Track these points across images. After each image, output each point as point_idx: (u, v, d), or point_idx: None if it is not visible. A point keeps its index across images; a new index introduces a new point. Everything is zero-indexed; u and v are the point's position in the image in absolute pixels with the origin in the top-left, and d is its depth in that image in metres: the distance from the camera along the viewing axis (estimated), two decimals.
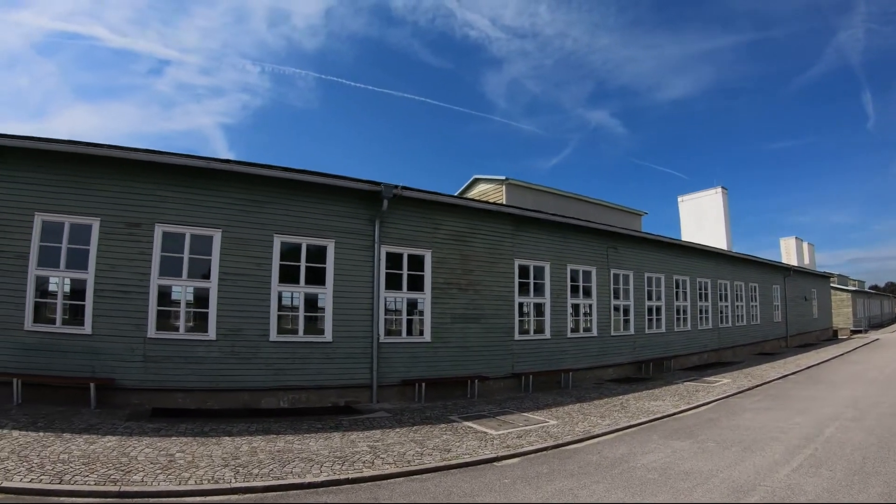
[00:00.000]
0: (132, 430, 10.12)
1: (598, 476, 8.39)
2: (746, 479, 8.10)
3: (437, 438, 10.64)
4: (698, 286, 25.45)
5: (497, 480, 8.26)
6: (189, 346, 12.66)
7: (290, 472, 8.21)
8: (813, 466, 8.70)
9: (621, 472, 8.60)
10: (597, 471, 8.68)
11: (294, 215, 13.78)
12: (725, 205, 35.10)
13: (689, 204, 37.25)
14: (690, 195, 37.47)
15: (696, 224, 35.70)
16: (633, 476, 8.34)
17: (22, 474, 7.42)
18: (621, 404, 14.57)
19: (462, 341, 15.85)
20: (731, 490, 7.66)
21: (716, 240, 32.37)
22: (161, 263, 12.57)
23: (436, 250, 15.64)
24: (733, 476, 8.28)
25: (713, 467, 8.75)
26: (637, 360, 21.10)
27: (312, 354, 13.69)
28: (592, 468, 8.84)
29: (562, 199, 22.92)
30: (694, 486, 7.81)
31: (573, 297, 18.95)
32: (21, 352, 11.67)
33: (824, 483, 7.87)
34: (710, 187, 35.88)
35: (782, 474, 8.34)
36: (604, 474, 8.48)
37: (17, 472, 7.51)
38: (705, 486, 7.85)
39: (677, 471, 8.57)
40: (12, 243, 11.83)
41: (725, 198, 35.25)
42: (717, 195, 35.28)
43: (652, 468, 8.74)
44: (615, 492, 7.65)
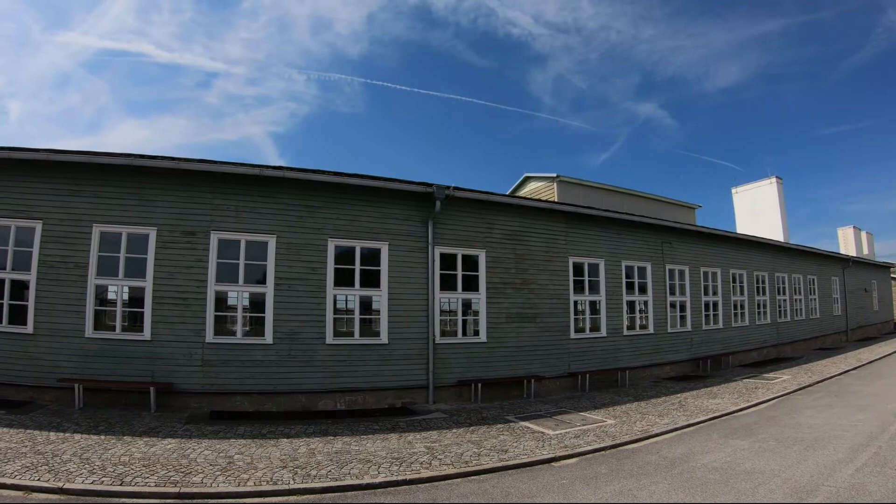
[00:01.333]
0: (191, 432, 10.24)
1: (657, 477, 8.22)
2: (809, 479, 7.89)
3: (493, 439, 10.51)
4: (755, 280, 24.74)
5: (555, 481, 8.13)
6: (246, 350, 12.75)
7: (348, 473, 8.21)
8: (878, 466, 8.43)
9: (681, 472, 8.43)
10: (656, 471, 8.51)
11: (347, 219, 13.76)
12: (780, 195, 34.11)
13: (744, 195, 36.30)
14: (745, 186, 36.55)
15: (752, 216, 34.76)
16: (694, 476, 8.16)
17: (84, 476, 7.55)
18: (679, 403, 14.22)
19: (517, 341, 15.63)
20: (794, 490, 7.46)
21: (772, 231, 31.48)
22: (217, 270, 12.73)
23: (490, 250, 15.46)
24: (795, 476, 8.07)
25: (775, 467, 8.54)
26: (694, 357, 20.58)
27: (369, 356, 13.64)
28: (652, 468, 8.68)
29: (614, 195, 22.56)
30: (755, 487, 7.62)
31: (628, 294, 18.55)
32: (82, 358, 12.00)
33: (890, 483, 7.60)
34: (764, 177, 34.97)
35: (846, 474, 8.09)
36: (663, 475, 8.31)
37: (79, 473, 7.63)
38: (767, 486, 7.66)
39: (738, 471, 8.38)
40: (72, 254, 12.24)
41: (780, 188, 34.26)
42: (771, 185, 34.34)
43: (712, 468, 8.55)
44: (676, 493, 7.49)
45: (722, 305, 22.31)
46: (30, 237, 12.30)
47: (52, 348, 12.01)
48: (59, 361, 11.96)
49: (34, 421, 10.44)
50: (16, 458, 8.20)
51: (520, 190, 23.92)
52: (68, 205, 12.40)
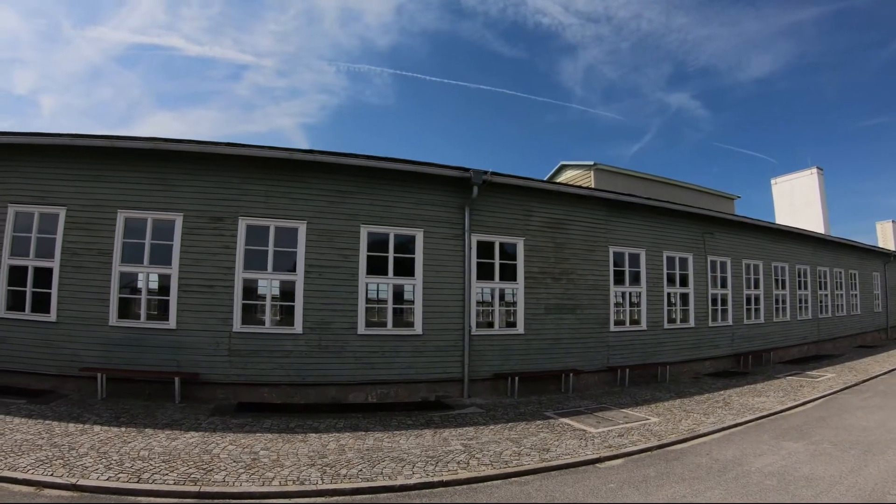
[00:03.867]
0: (216, 425, 9.89)
1: (710, 481, 7.73)
2: (874, 487, 7.41)
3: (533, 437, 10.00)
4: (797, 273, 23.89)
5: (602, 485, 7.67)
6: (275, 340, 12.37)
7: (380, 472, 7.79)
8: None
9: (735, 476, 7.91)
10: (708, 475, 8.01)
11: (381, 205, 13.28)
12: (821, 186, 33.12)
13: (783, 186, 35.32)
14: (784, 177, 35.60)
15: (791, 208, 33.79)
16: (750, 482, 7.66)
17: (100, 472, 7.22)
18: (723, 400, 13.61)
19: (556, 333, 15.04)
20: (859, 499, 7.02)
21: (811, 224, 30.49)
22: (245, 257, 12.37)
23: (528, 238, 14.88)
24: (859, 483, 7.58)
25: (835, 473, 8.02)
26: (735, 352, 19.83)
27: (402, 348, 13.17)
28: (703, 472, 8.18)
29: (652, 184, 21.86)
30: (818, 494, 7.18)
31: (669, 286, 17.88)
32: (106, 347, 11.76)
33: None
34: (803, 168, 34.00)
35: None
36: (717, 479, 7.82)
37: (95, 469, 7.30)
38: (830, 493, 7.21)
39: (796, 476, 7.88)
40: (96, 241, 12.01)
41: (821, 179, 33.29)
42: (812, 176, 33.38)
43: (768, 473, 8.04)
44: (733, 500, 7.04)
45: (763, 299, 21.51)
46: (53, 224, 12.09)
47: (75, 337, 11.77)
48: (81, 350, 11.72)
49: (54, 411, 10.17)
50: (31, 450, 7.90)
51: (556, 178, 23.27)
52: (92, 191, 12.17)
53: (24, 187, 12.24)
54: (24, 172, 12.30)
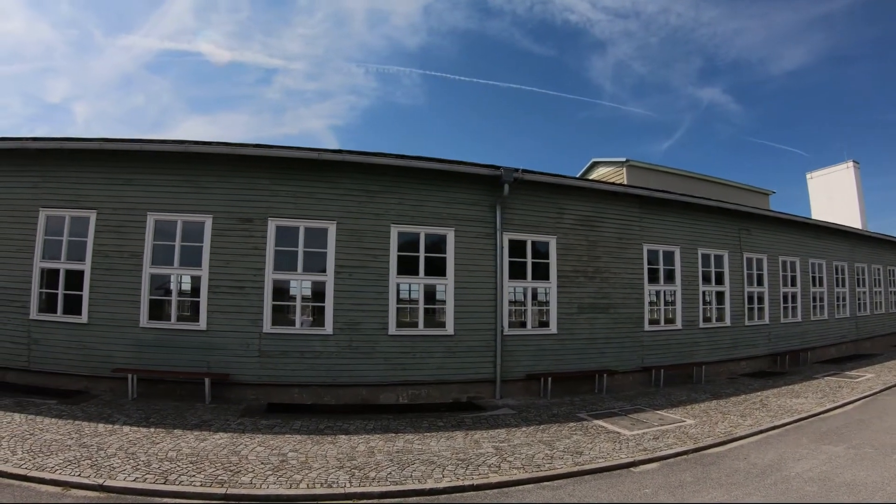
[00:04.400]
0: (245, 426, 9.85)
1: (749, 487, 7.45)
2: None
3: (566, 439, 9.78)
4: (835, 270, 23.31)
5: (637, 490, 7.45)
6: (305, 341, 12.34)
7: (410, 476, 7.65)
8: None
9: (775, 482, 7.63)
10: (747, 480, 7.73)
11: (410, 204, 13.14)
12: (858, 180, 32.19)
13: (819, 181, 34.46)
14: (820, 171, 34.75)
15: (827, 202, 32.87)
16: (790, 488, 7.38)
17: (127, 472, 7.23)
18: (760, 402, 13.26)
19: (589, 333, 14.75)
20: None
21: (848, 219, 29.55)
22: (275, 258, 12.32)
23: (561, 236, 14.61)
24: None
25: (878, 478, 7.68)
26: (772, 352, 19.34)
27: (433, 348, 13.01)
28: (742, 477, 7.89)
29: (685, 180, 21.42)
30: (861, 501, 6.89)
31: (704, 284, 17.48)
32: (137, 348, 11.86)
33: None
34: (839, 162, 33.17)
35: None
36: (756, 485, 7.53)
37: (123, 469, 7.30)
38: (873, 500, 6.91)
39: (838, 482, 7.57)
40: (127, 243, 12.12)
41: (857, 172, 32.36)
42: (848, 170, 32.52)
43: (809, 478, 7.75)
44: None
45: (801, 297, 20.98)
46: (84, 227, 12.22)
47: (106, 338, 11.89)
48: (113, 351, 11.83)
49: (84, 412, 10.23)
50: (59, 450, 7.93)
51: (588, 175, 22.97)
52: (122, 194, 12.27)
53: (55, 191, 12.39)
54: (56, 177, 12.45)
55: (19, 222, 12.34)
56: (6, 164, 12.59)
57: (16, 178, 12.57)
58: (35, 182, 12.47)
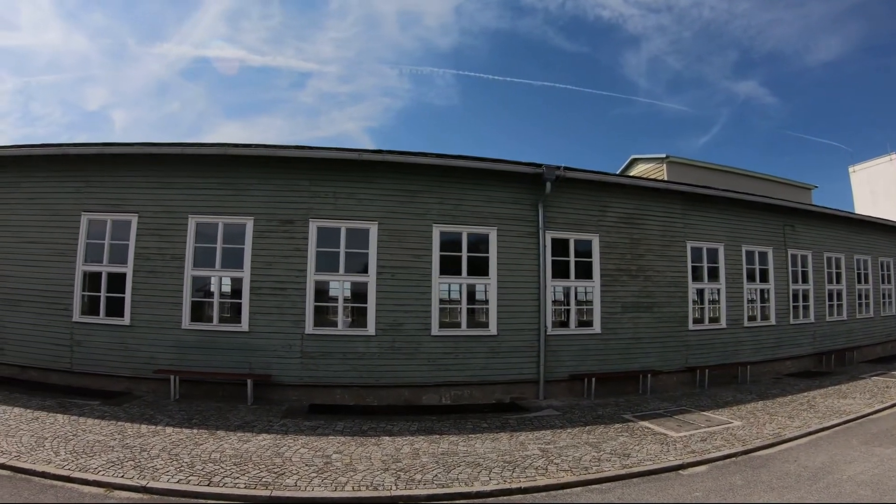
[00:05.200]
0: (288, 427, 9.84)
1: (801, 490, 7.30)
2: None
3: (612, 441, 9.64)
4: (880, 266, 22.71)
5: (687, 493, 7.33)
6: (347, 342, 12.31)
7: (456, 478, 7.55)
8: None
9: (827, 485, 7.45)
10: (798, 484, 7.56)
11: (452, 204, 13.05)
12: None
13: (861, 174, 33.79)
14: (863, 164, 34.09)
15: (871, 196, 32.20)
16: (842, 492, 7.19)
17: (170, 474, 7.25)
18: (808, 402, 12.94)
19: (633, 332, 14.50)
20: None
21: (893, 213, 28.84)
22: (317, 259, 12.31)
23: (603, 234, 14.37)
24: None
25: None
26: (817, 351, 18.86)
27: (476, 349, 12.89)
28: (793, 480, 7.72)
29: (726, 176, 20.99)
30: None
31: (749, 282, 17.10)
32: (179, 349, 11.96)
33: None
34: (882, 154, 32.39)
35: None
36: (807, 488, 7.37)
37: (166, 471, 7.32)
38: None
39: (891, 486, 7.38)
40: (168, 246, 12.23)
41: None
42: (891, 162, 31.76)
43: (861, 482, 7.55)
44: None
45: (846, 294, 20.47)
46: (125, 231, 12.35)
47: (148, 339, 12.01)
48: (155, 352, 11.95)
49: (127, 413, 10.31)
50: (103, 451, 7.98)
51: (628, 172, 22.62)
52: (163, 197, 12.40)
53: (97, 196, 12.56)
54: (97, 182, 12.62)
55: (62, 226, 12.51)
56: (49, 169, 12.78)
57: (58, 184, 12.74)
58: (77, 187, 12.63)
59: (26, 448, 7.90)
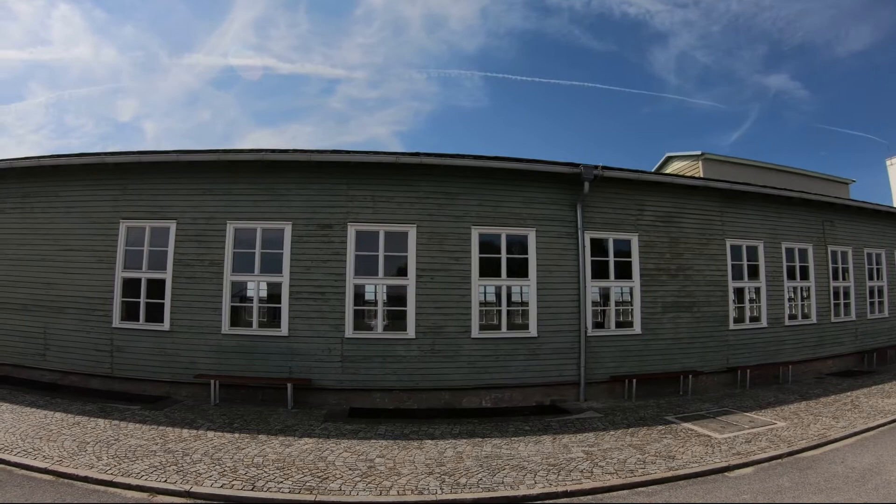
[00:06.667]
0: (329, 431, 9.81)
1: (850, 492, 7.15)
2: None
3: (656, 443, 9.51)
4: None
5: (735, 496, 7.21)
6: (387, 346, 12.28)
7: (501, 482, 7.49)
8: None
9: (876, 487, 7.30)
10: (846, 485, 7.43)
11: (490, 205, 12.96)
12: None
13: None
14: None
15: None
16: (892, 493, 7.05)
17: (213, 479, 7.23)
18: (851, 402, 12.69)
19: (673, 333, 14.30)
20: None
21: None
22: (356, 263, 12.30)
23: (642, 234, 14.21)
24: None
25: None
26: (859, 349, 18.48)
27: (516, 351, 12.78)
28: (841, 482, 7.58)
29: (763, 171, 20.69)
30: None
31: (789, 280, 16.79)
32: (219, 354, 12.04)
33: None
34: None
35: None
36: (857, 490, 7.23)
37: (209, 475, 7.31)
38: None
39: None
40: (207, 252, 12.33)
41: None
42: None
43: None
44: None
45: (888, 291, 20.03)
46: (164, 237, 12.47)
47: (188, 345, 12.11)
48: (195, 357, 12.06)
49: (168, 417, 10.37)
50: (145, 456, 8.01)
51: (663, 170, 22.37)
52: (200, 204, 12.50)
53: (134, 203, 12.72)
54: (135, 189, 12.77)
55: (101, 234, 12.68)
56: (87, 178, 12.96)
57: (96, 192, 12.91)
58: (115, 195, 12.77)
59: (68, 453, 7.95)
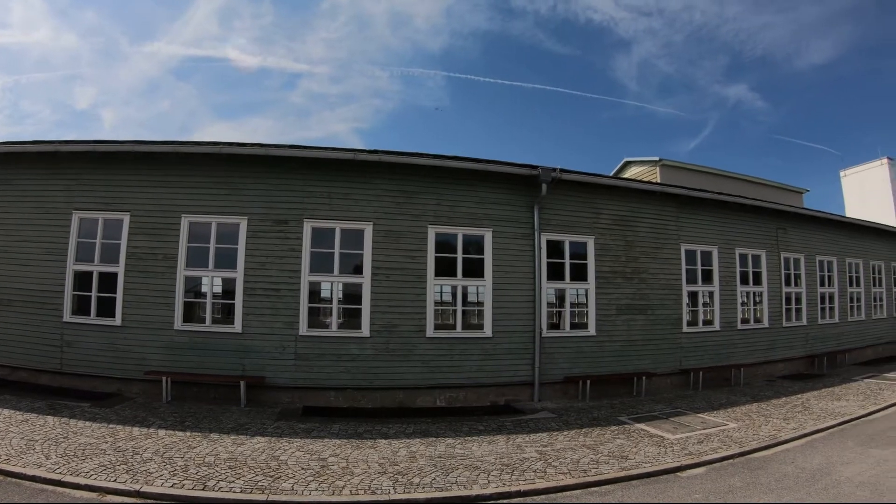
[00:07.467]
0: (282, 430, 9.74)
1: (800, 492, 7.29)
2: None
3: (609, 443, 9.61)
4: (871, 270, 22.81)
5: (686, 495, 7.30)
6: (341, 344, 12.18)
7: (455, 481, 7.47)
8: None
9: (825, 487, 7.46)
10: (797, 485, 7.56)
11: (447, 205, 12.96)
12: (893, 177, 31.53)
13: (852, 178, 33.91)
14: (853, 169, 34.19)
15: (861, 201, 32.34)
16: (841, 493, 7.21)
17: (164, 478, 7.11)
18: (802, 404, 12.98)
19: (627, 335, 14.48)
20: None
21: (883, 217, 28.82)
22: (311, 260, 12.19)
23: (598, 236, 14.34)
24: None
25: None
26: (809, 354, 18.95)
27: (471, 351, 12.82)
28: (791, 482, 7.72)
29: (719, 179, 20.98)
30: None
31: (742, 285, 17.13)
32: (171, 351, 11.82)
33: None
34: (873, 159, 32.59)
35: None
36: (806, 490, 7.37)
37: (160, 475, 7.17)
38: None
39: (890, 486, 7.39)
40: (161, 246, 12.07)
41: (892, 169, 31.69)
42: (882, 167, 31.87)
43: (859, 483, 7.57)
44: None
45: (838, 298, 20.55)
46: (117, 229, 12.18)
47: (140, 340, 11.85)
48: (147, 354, 11.79)
49: (118, 415, 10.15)
50: (94, 454, 7.83)
51: (621, 175, 22.59)
52: (156, 196, 12.24)
53: (88, 194, 12.40)
54: (89, 180, 12.46)
55: (53, 225, 12.35)
56: (40, 167, 12.61)
57: (49, 182, 12.57)
58: (68, 185, 12.46)
59: (16, 451, 7.75)
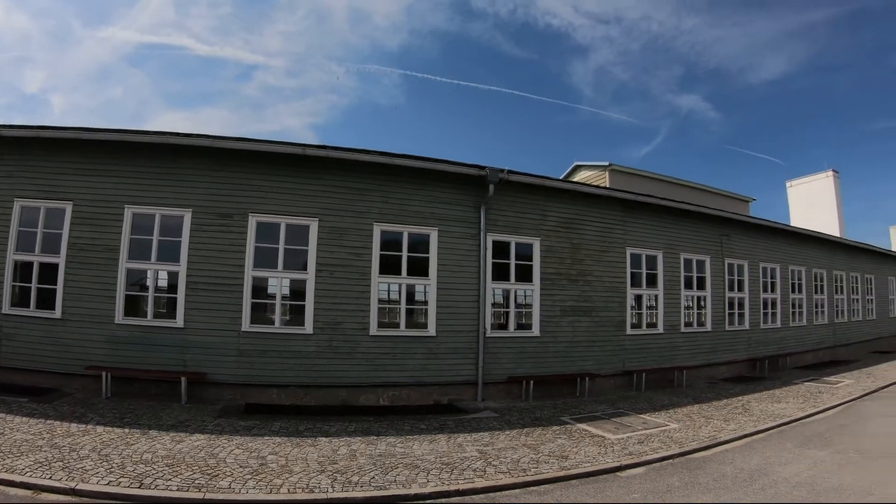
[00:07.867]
0: (222, 427, 9.62)
1: (738, 492, 7.44)
2: None
3: (551, 443, 9.70)
4: (814, 277, 23.47)
5: (625, 494, 7.39)
6: (285, 340, 12.10)
7: (394, 480, 7.49)
8: None
9: (763, 486, 7.61)
10: (735, 485, 7.72)
11: (395, 203, 12.98)
12: (837, 189, 32.70)
13: (798, 189, 34.92)
14: (800, 180, 35.20)
15: (806, 211, 33.35)
16: (778, 492, 7.37)
17: (100, 476, 6.96)
18: (742, 406, 13.30)
19: (572, 336, 14.67)
20: None
21: (827, 227, 29.90)
22: (255, 255, 12.10)
23: (544, 238, 14.51)
24: (892, 493, 7.26)
25: (865, 483, 7.72)
26: (751, 357, 19.46)
27: (414, 349, 12.86)
28: (729, 481, 7.87)
29: (667, 185, 21.47)
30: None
31: (686, 289, 17.51)
32: (111, 345, 11.54)
33: None
34: (819, 171, 33.64)
35: None
36: (744, 489, 7.51)
37: (96, 472, 7.05)
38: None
39: (826, 486, 7.58)
40: (103, 237, 11.79)
41: (837, 182, 32.88)
42: (827, 179, 32.97)
43: (796, 483, 7.74)
44: None
45: (780, 303, 21.12)
46: (59, 219, 11.88)
47: (80, 334, 11.53)
48: (87, 348, 11.47)
49: (57, 410, 9.95)
50: (30, 451, 7.66)
51: (570, 178, 22.84)
52: (100, 186, 11.94)
53: (30, 182, 12.01)
54: (31, 167, 12.06)
55: None
56: None
57: None
58: (10, 171, 12.05)
59: None
